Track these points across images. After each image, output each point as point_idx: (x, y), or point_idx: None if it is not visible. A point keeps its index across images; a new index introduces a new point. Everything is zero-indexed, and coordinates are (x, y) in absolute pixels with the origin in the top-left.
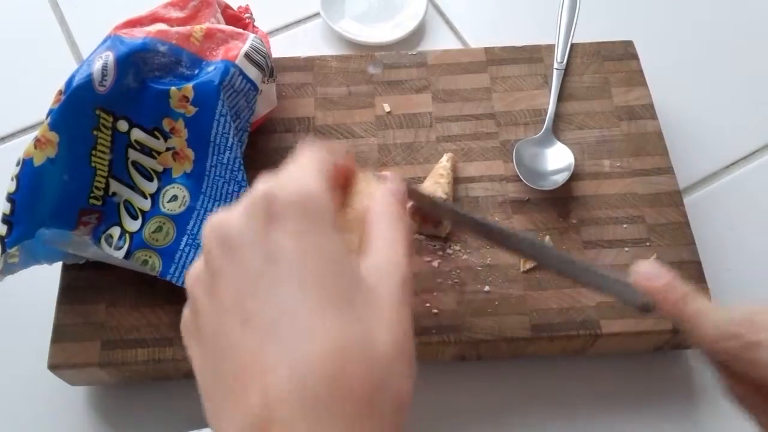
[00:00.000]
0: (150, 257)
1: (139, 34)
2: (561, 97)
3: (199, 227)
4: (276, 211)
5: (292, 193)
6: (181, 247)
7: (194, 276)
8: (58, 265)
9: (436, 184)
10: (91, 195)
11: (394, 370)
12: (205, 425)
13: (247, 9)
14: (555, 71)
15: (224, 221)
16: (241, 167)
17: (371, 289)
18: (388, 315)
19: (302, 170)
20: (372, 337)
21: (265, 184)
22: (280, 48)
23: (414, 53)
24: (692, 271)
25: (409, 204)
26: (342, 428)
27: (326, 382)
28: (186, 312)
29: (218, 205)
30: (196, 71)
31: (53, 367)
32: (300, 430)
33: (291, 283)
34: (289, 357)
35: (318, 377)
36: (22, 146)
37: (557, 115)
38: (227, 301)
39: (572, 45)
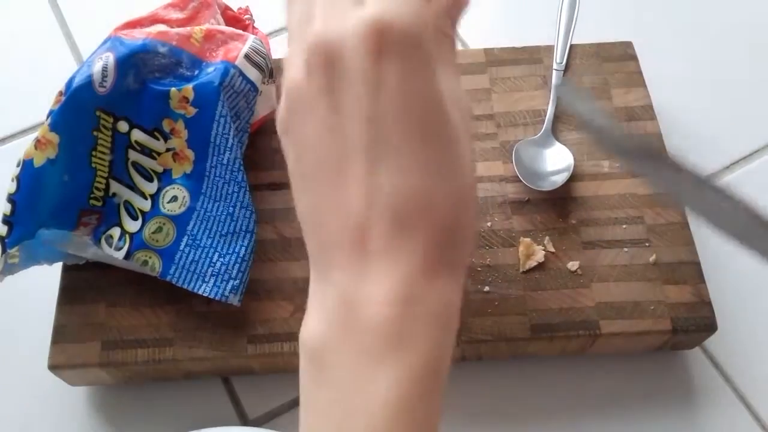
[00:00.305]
0: (150, 258)
1: (139, 36)
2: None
3: (199, 228)
4: (390, 46)
5: (409, 27)
6: (181, 247)
7: (299, 79)
8: (58, 266)
9: None
10: (92, 196)
11: (469, 203)
12: (205, 425)
13: (247, 10)
14: (554, 72)
15: (335, 43)
16: (241, 168)
17: (455, 126)
18: (466, 148)
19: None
20: (459, 170)
21: (375, 5)
22: (281, 49)
23: None
24: (691, 271)
25: None
26: (425, 248)
27: (424, 210)
28: (283, 115)
29: (218, 206)
30: (196, 72)
31: (53, 367)
32: (392, 241)
33: (396, 115)
34: (383, 184)
35: (418, 206)
36: (22, 147)
37: (557, 116)
38: (342, 116)
39: (571, 46)
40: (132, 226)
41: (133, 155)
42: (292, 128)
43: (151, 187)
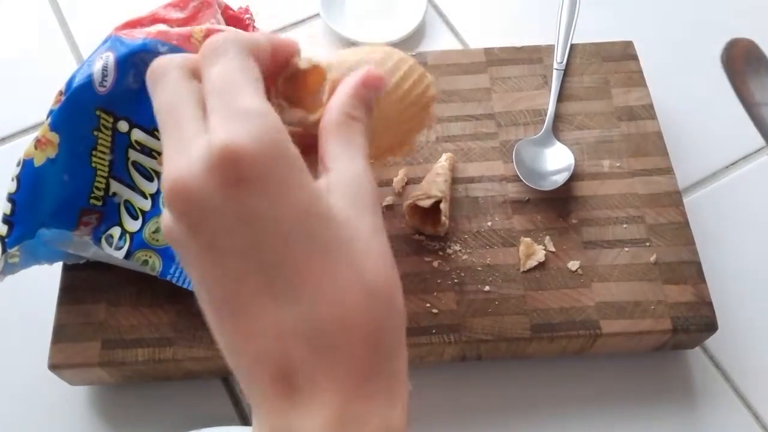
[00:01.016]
0: (150, 257)
1: (139, 35)
2: (561, 98)
3: None
4: (243, 175)
5: (257, 151)
6: None
7: (169, 228)
8: (58, 266)
9: (431, 182)
10: (92, 195)
11: (386, 296)
12: (205, 425)
13: (247, 10)
14: (555, 71)
15: (189, 184)
16: None
17: (343, 226)
18: (366, 246)
19: (243, 96)
20: (361, 271)
21: (218, 133)
22: None
23: (414, 54)
24: (692, 271)
25: (406, 203)
26: (350, 366)
27: (333, 337)
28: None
29: None
30: None
31: (54, 367)
32: (316, 371)
33: (273, 241)
34: (290, 314)
35: (323, 334)
36: (22, 147)
37: (557, 116)
38: (222, 252)
39: (572, 45)
40: (132, 225)
41: (134, 155)
42: (185, 266)
43: (151, 187)
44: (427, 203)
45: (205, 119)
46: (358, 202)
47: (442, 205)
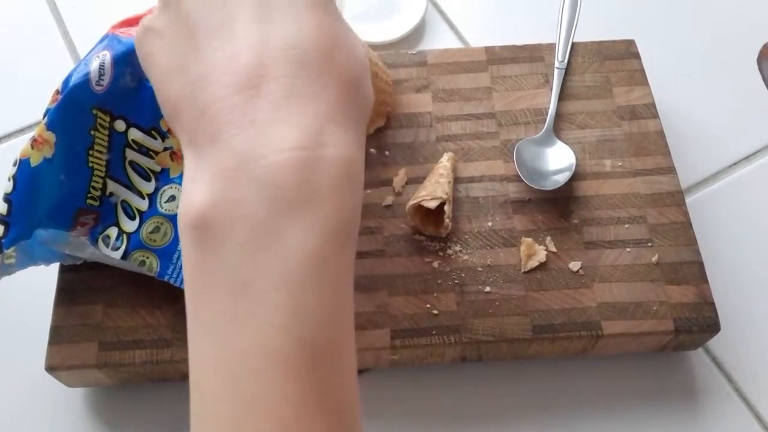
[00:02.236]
0: (147, 258)
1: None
2: (562, 97)
3: None
4: None
5: None
6: (179, 247)
7: None
8: (55, 267)
9: (436, 183)
10: (89, 195)
11: (365, 65)
12: None
13: None
14: (556, 70)
15: None
16: None
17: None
18: (347, 31)
19: None
20: (352, 32)
21: None
22: None
23: (414, 52)
24: (694, 271)
25: (410, 203)
26: (330, 94)
27: (321, 56)
28: (150, 19)
29: None
30: None
31: (50, 368)
32: (294, 84)
33: None
34: (277, 32)
35: (316, 50)
36: (18, 146)
37: (558, 115)
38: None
39: (573, 44)
40: (129, 225)
41: (131, 154)
42: (159, 25)
43: (148, 187)
44: (432, 204)
45: None
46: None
47: (446, 207)
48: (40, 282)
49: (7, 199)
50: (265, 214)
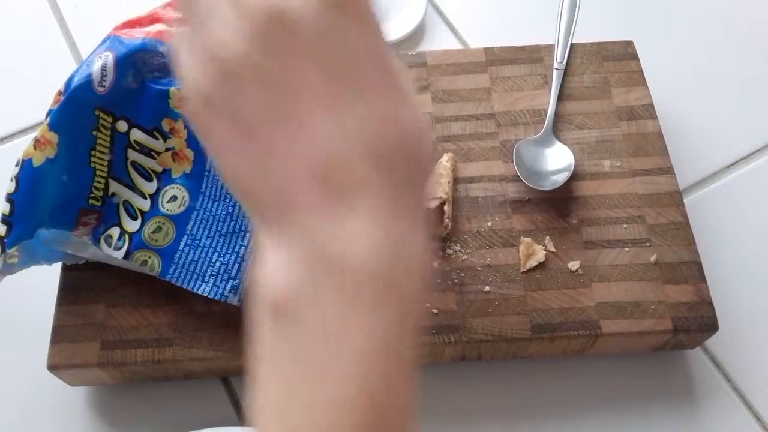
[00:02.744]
0: (149, 257)
1: (138, 35)
2: (561, 97)
3: (199, 227)
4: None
5: None
6: (181, 247)
7: (236, 43)
8: (57, 266)
9: (436, 183)
10: (91, 195)
11: (429, 144)
12: (205, 426)
13: None
14: (555, 71)
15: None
16: None
17: (395, 64)
18: (410, 96)
19: None
20: (414, 114)
21: None
22: None
23: (413, 53)
24: (692, 271)
25: None
26: (403, 182)
27: (384, 149)
28: (208, 86)
29: (218, 206)
30: None
31: (52, 367)
32: (371, 178)
33: (350, 53)
34: (355, 117)
35: (377, 145)
36: (21, 147)
37: (557, 115)
38: (288, 67)
39: (572, 45)
40: (131, 225)
41: (133, 155)
42: (225, 95)
43: (150, 187)
44: (432, 204)
45: None
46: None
47: (446, 207)
48: (42, 281)
49: (10, 199)
50: (343, 307)
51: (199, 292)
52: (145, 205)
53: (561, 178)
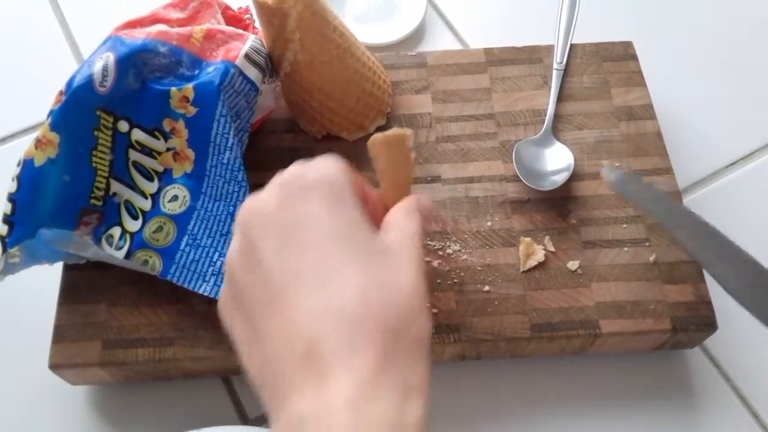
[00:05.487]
0: (150, 257)
1: (139, 35)
2: (560, 98)
3: (200, 227)
4: (305, 185)
5: (320, 173)
6: (182, 247)
7: (232, 255)
8: (58, 265)
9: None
10: (92, 195)
11: (412, 305)
12: (205, 425)
13: (247, 10)
14: (554, 72)
15: (258, 200)
16: (242, 167)
17: (387, 247)
18: (402, 263)
19: (328, 162)
20: (392, 280)
21: (294, 167)
22: None
23: (413, 54)
24: (691, 270)
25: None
26: (374, 348)
27: (356, 318)
28: (225, 293)
29: (219, 205)
30: (196, 72)
31: (54, 367)
32: (340, 348)
33: (320, 244)
34: (322, 301)
35: (348, 315)
36: (22, 147)
37: (557, 116)
38: (267, 262)
39: (572, 45)
40: (132, 225)
41: (134, 155)
42: (234, 296)
43: (151, 187)
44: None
45: None
46: (405, 243)
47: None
48: (43, 281)
49: (12, 199)
50: None
51: (200, 292)
52: (146, 204)
53: (560, 179)
